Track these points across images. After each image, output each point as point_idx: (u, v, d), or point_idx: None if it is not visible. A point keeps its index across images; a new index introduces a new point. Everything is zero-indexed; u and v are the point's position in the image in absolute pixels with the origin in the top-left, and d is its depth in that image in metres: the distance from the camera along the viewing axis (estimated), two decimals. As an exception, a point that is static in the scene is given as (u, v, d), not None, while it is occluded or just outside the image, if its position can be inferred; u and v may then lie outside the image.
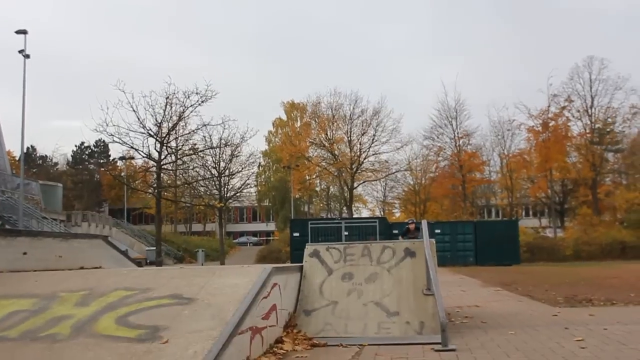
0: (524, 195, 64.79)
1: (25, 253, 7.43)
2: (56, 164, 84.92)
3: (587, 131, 56.37)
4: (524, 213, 71.99)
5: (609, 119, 56.51)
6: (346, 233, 36.93)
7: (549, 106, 55.54)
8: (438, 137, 60.22)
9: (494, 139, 61.08)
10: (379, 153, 58.16)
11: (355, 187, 59.72)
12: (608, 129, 56.63)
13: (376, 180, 61.81)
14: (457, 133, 59.09)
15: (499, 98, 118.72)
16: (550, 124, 55.79)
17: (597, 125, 56.47)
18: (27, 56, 37.45)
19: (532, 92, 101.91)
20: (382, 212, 66.56)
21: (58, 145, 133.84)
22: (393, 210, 72.09)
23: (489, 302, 11.33)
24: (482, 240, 37.71)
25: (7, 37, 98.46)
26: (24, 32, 37.00)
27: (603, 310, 9.61)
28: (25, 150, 45.23)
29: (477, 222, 44.27)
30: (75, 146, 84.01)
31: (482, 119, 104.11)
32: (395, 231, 38.41)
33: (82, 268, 8.08)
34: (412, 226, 17.45)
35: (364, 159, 57.90)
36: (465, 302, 11.17)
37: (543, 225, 67.05)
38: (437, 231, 35.95)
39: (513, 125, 58.67)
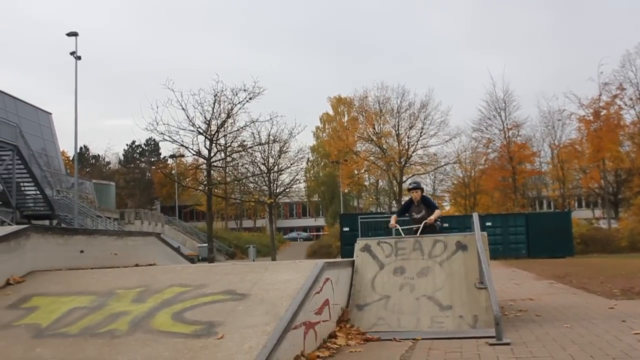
0: (576, 186, 63.51)
1: (82, 251, 7.58)
2: (108, 163, 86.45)
3: (641, 119, 55.05)
4: (576, 204, 70.81)
5: (663, 107, 55.07)
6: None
7: (600, 95, 54.31)
8: (487, 129, 59.50)
9: (544, 130, 60.10)
10: (428, 146, 57.83)
11: (404, 181, 59.26)
12: (662, 117, 55.20)
13: (425, 173, 61.33)
14: (506, 124, 58.30)
15: (548, 88, 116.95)
16: (602, 113, 54.55)
17: (650, 113, 55.07)
18: (79, 58, 38.11)
19: (582, 81, 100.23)
20: (431, 206, 65.97)
21: (110, 144, 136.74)
22: (443, 204, 71.56)
23: (543, 295, 11.19)
24: (534, 233, 37.23)
25: (60, 39, 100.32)
26: (74, 34, 37.64)
27: (661, 302, 9.43)
28: (78, 150, 46.09)
29: (528, 214, 43.64)
30: (127, 145, 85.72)
31: (531, 109, 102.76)
32: (446, 224, 38.25)
33: (137, 265, 8.20)
34: (415, 195, 10.75)
35: (413, 152, 57.58)
36: (518, 296, 11.05)
37: (597, 216, 65.85)
38: (488, 224, 35.64)
39: (563, 115, 57.50)
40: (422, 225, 10.19)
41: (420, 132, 56.97)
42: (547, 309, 8.87)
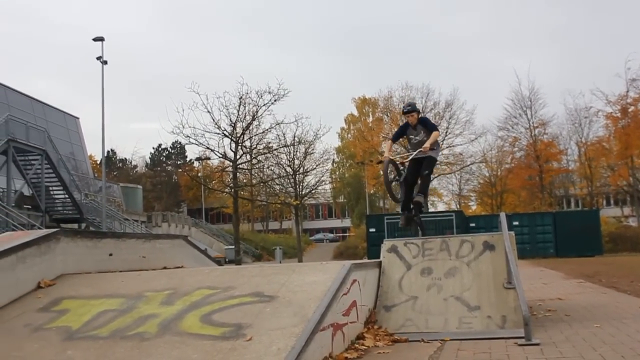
0: (604, 184, 62.72)
1: (111, 254, 7.64)
2: (135, 166, 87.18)
3: (670, 115, 54.29)
4: (604, 202, 70.04)
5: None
6: (422, 227, 36.67)
7: (627, 91, 53.51)
8: (513, 128, 59.02)
9: (570, 127, 59.39)
10: (453, 146, 57.52)
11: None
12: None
13: (451, 173, 61.11)
14: (532, 122, 57.81)
15: (574, 85, 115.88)
16: (630, 110, 53.79)
17: (680, 109, 54.29)
18: (105, 62, 38.50)
19: (609, 77, 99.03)
20: (458, 206, 65.78)
21: (137, 148, 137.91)
22: (469, 203, 71.32)
23: (572, 294, 11.08)
24: (562, 231, 36.93)
25: (87, 44, 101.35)
26: (101, 39, 38.02)
27: (693, 301, 9.30)
28: (106, 154, 46.49)
29: (556, 212, 43.32)
30: (153, 148, 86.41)
31: (557, 107, 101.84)
32: (472, 224, 38.12)
33: (165, 268, 8.26)
34: (412, 118, 9.52)
35: (438, 152, 57.20)
36: (547, 295, 10.96)
37: (626, 214, 65.10)
38: (516, 223, 35.44)
39: (590, 113, 56.73)
40: (415, 153, 9.37)
41: (446, 132, 56.65)
42: (577, 308, 8.78)
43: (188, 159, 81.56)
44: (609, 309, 8.53)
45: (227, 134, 38.07)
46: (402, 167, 9.81)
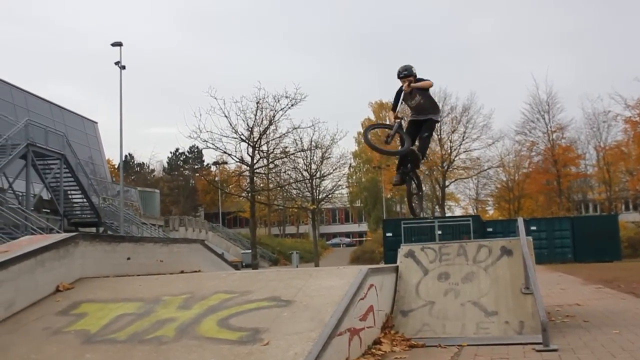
0: (622, 189, 62.22)
1: (129, 258, 7.69)
2: (153, 170, 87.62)
3: (689, 119, 53.75)
4: (623, 207, 69.43)
5: None
6: (439, 232, 36.68)
7: (646, 95, 53.20)
8: (530, 132, 58.63)
9: (589, 132, 58.97)
10: (470, 150, 57.37)
11: (447, 186, 58.97)
12: None
13: (468, 177, 60.89)
14: (550, 127, 57.34)
15: (592, 89, 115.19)
16: (649, 114, 53.49)
17: (698, 113, 53.74)
18: (123, 67, 38.73)
19: (628, 81, 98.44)
20: (475, 210, 65.53)
21: (154, 152, 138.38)
22: (486, 208, 70.96)
23: (590, 300, 11.00)
24: (580, 237, 36.69)
25: (105, 49, 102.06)
26: (119, 44, 38.26)
27: None
28: (123, 158, 46.79)
29: (574, 217, 43.06)
30: (171, 153, 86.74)
31: (575, 111, 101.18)
32: (490, 229, 37.99)
33: (182, 272, 8.29)
34: (406, 86, 9.04)
35: (455, 156, 57.16)
36: (565, 301, 10.88)
37: (644, 220, 64.57)
38: (533, 228, 35.21)
39: (609, 117, 56.17)
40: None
41: (463, 136, 56.61)
42: (595, 314, 8.72)
43: (205, 164, 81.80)
44: (628, 315, 8.46)
45: (244, 138, 38.18)
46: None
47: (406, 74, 9.04)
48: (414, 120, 9.30)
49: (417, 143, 9.36)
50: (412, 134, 9.33)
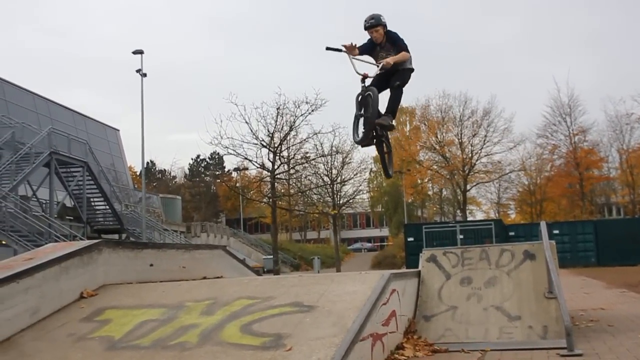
0: (646, 192, 61.69)
1: (151, 265, 7.74)
2: (174, 177, 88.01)
3: None
4: (647, 210, 68.77)
5: None
6: (461, 237, 36.45)
7: (669, 96, 52.60)
8: (552, 135, 58.11)
9: (611, 134, 58.17)
10: (492, 154, 56.95)
11: (469, 190, 58.68)
12: None
13: (489, 181, 60.52)
14: (572, 130, 56.83)
15: (614, 91, 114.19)
16: (672, 115, 52.84)
17: None
18: (144, 75, 38.96)
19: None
20: (497, 214, 65.11)
21: (176, 159, 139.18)
22: (508, 212, 70.55)
23: (615, 304, 10.90)
24: (603, 240, 36.30)
25: (126, 57, 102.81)
26: (140, 52, 38.49)
27: None
28: (145, 165, 47.08)
29: (597, 221, 42.64)
30: (192, 159, 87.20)
31: (597, 113, 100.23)
32: (512, 233, 37.73)
33: (204, 278, 8.32)
34: (377, 35, 7.72)
35: (476, 160, 56.84)
36: (589, 305, 10.79)
37: (669, 222, 63.79)
38: (556, 232, 34.89)
39: (632, 119, 55.39)
40: (379, 67, 7.66)
41: (484, 140, 56.25)
42: (620, 318, 8.63)
43: (226, 170, 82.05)
44: (653, 319, 8.38)
45: (264, 144, 38.21)
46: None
47: (373, 22, 7.66)
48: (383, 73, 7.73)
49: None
50: (381, 84, 7.92)
